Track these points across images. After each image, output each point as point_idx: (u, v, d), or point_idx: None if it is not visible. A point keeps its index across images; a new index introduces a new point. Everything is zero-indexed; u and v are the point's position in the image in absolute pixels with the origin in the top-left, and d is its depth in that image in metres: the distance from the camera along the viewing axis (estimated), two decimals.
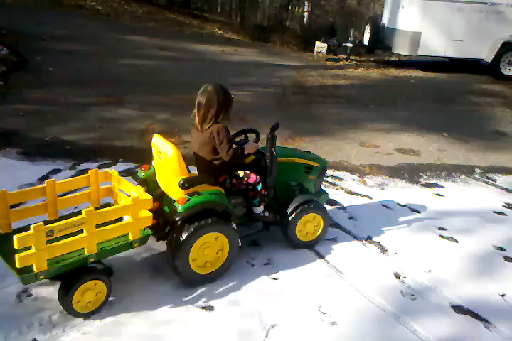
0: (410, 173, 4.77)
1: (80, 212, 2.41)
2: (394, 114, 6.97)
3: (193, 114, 2.83)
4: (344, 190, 4.27)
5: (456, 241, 3.48)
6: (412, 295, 2.83)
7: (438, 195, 4.30)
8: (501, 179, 4.75)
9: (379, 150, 5.39)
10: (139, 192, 2.67)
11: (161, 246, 3.02)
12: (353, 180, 4.53)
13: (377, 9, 16.18)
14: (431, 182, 4.60)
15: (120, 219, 2.63)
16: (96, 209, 2.49)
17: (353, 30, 13.22)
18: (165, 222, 2.80)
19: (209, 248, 2.76)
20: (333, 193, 4.15)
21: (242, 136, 3.21)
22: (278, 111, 6.62)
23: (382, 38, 10.99)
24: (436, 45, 9.97)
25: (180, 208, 2.62)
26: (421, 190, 4.38)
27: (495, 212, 3.99)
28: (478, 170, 4.94)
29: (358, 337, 2.46)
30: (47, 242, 2.26)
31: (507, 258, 3.30)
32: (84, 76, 7.32)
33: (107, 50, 9.22)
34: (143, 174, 3.02)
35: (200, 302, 2.63)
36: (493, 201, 4.20)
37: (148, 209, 2.62)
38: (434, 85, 9.18)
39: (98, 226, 2.43)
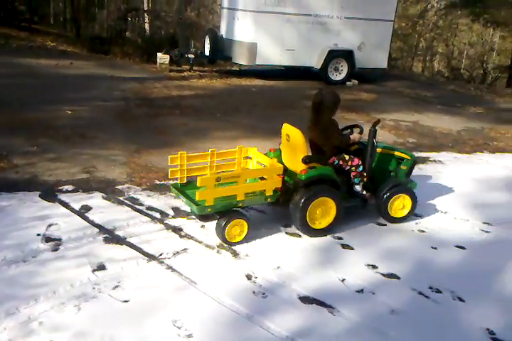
0: None
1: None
2: (238, 121, 7.24)
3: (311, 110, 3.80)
4: None
5: (300, 236, 3.73)
6: (264, 294, 2.95)
7: None
8: None
9: None
10: (274, 162, 3.72)
11: None
12: None
13: (216, 21, 16.70)
14: None
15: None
16: None
17: (194, 41, 13.45)
18: (286, 189, 3.69)
19: (321, 209, 3.65)
20: (183, 204, 4.14)
21: (348, 130, 4.09)
22: (122, 125, 6.41)
23: (222, 48, 11.35)
24: (272, 54, 10.61)
25: (303, 177, 3.55)
26: None
27: None
28: None
29: None
30: (215, 186, 3.35)
31: (344, 246, 3.63)
32: None
33: None
34: (272, 154, 3.93)
35: (43, 340, 2.39)
36: None
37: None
38: (273, 92, 9.76)
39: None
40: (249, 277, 3.12)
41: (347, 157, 3.83)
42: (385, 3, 11.27)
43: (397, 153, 4.18)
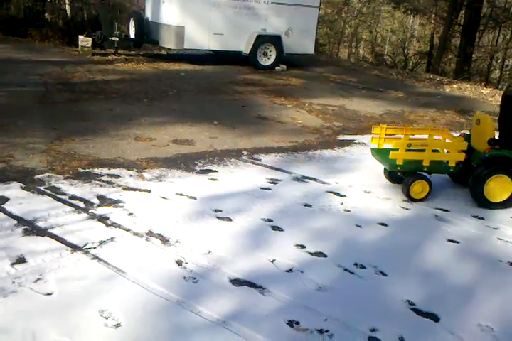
0: (186, 162, 4.92)
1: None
2: (167, 106, 7.09)
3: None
4: (122, 187, 4.16)
5: (231, 220, 3.74)
6: (194, 279, 2.94)
7: (212, 179, 4.54)
8: (264, 158, 5.27)
9: (155, 143, 5.41)
10: (460, 139, 4.38)
11: None
12: (131, 175, 4.45)
13: (141, 3, 16.11)
14: (205, 168, 4.82)
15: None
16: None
17: (118, 24, 12.94)
18: (468, 169, 4.31)
19: (498, 185, 4.13)
20: (109, 192, 4.02)
21: None
22: (42, 112, 6.07)
23: (148, 32, 11.00)
24: (200, 38, 10.44)
25: (486, 154, 4.08)
26: (197, 178, 4.56)
27: (261, 188, 4.41)
28: (245, 153, 5.38)
29: (144, 332, 2.44)
30: (406, 150, 4.14)
31: (274, 228, 3.69)
32: None
33: None
34: (461, 137, 4.55)
35: None
36: (259, 179, 4.63)
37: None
38: (202, 77, 9.63)
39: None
40: (179, 263, 3.09)
41: None
42: None
43: None
